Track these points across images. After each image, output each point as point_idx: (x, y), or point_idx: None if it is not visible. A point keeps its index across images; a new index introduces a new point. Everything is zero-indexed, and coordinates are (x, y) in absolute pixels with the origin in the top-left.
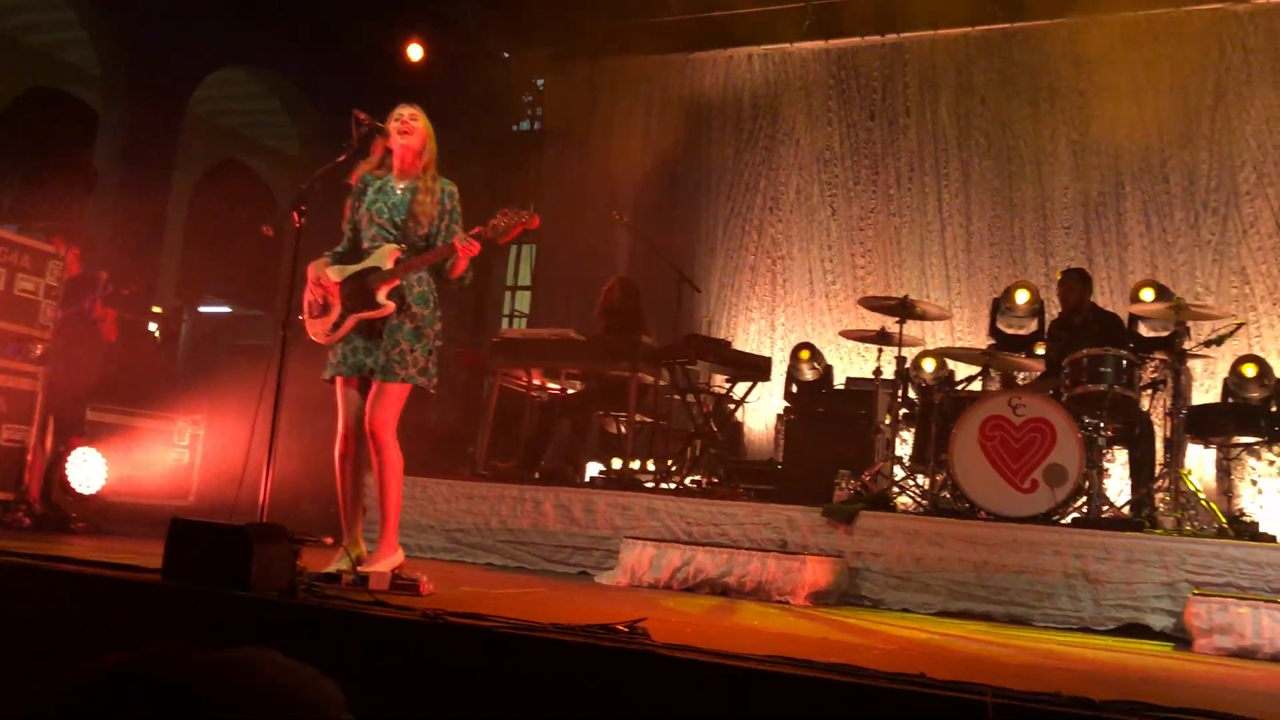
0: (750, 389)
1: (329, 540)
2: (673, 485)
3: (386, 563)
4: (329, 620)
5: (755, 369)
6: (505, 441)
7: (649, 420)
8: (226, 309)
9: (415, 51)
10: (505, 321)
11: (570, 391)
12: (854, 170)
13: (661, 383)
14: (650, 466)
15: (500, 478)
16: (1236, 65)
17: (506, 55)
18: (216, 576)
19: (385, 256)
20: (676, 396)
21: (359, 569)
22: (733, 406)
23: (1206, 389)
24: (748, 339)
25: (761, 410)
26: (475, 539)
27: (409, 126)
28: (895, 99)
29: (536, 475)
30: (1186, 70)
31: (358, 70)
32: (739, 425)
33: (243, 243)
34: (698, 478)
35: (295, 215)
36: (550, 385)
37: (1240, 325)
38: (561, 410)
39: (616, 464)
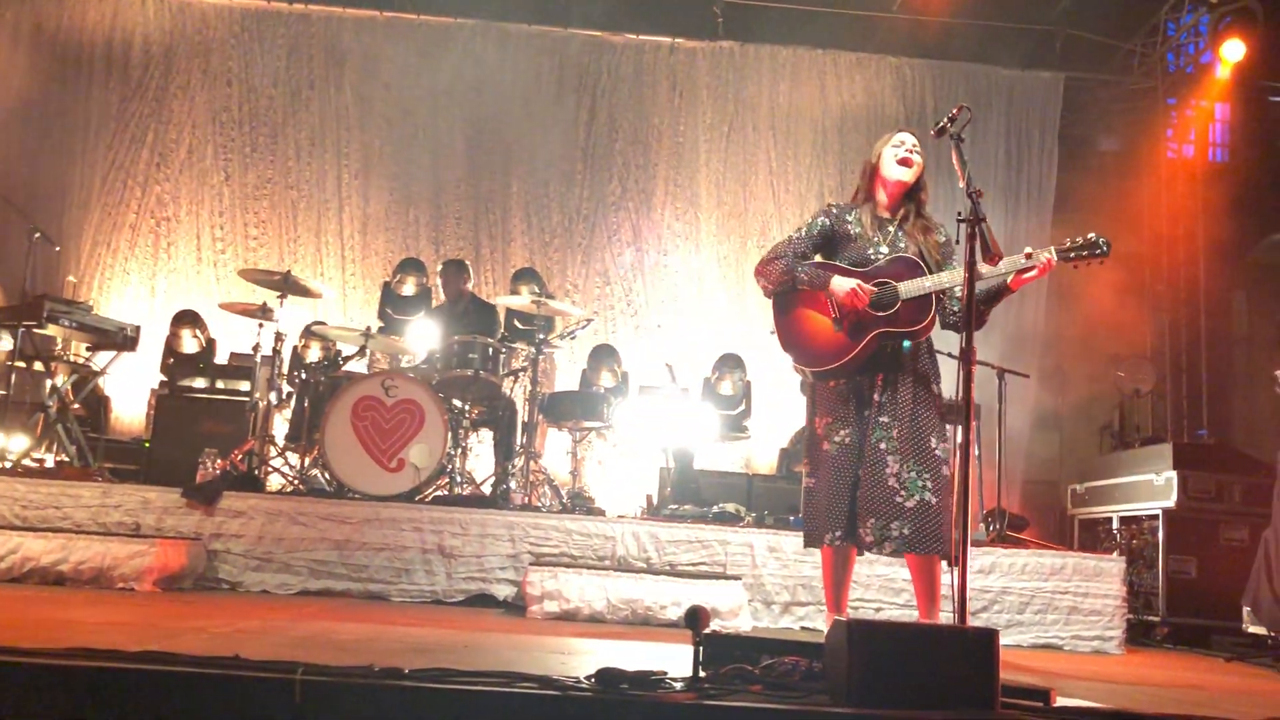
0: (114, 359)
1: None
2: (8, 464)
3: None
4: None
5: (120, 338)
6: None
7: None
8: None
9: None
10: None
11: None
12: (252, 136)
13: (3, 347)
14: None
15: None
16: (609, 89)
17: None
18: None
19: None
20: (21, 364)
21: None
22: (93, 378)
23: (569, 377)
24: (124, 304)
25: (134, 384)
26: None
27: None
28: (300, 70)
29: None
30: (568, 87)
31: None
32: (104, 399)
33: None
34: (44, 455)
35: None
36: None
37: (589, 322)
38: None
39: None
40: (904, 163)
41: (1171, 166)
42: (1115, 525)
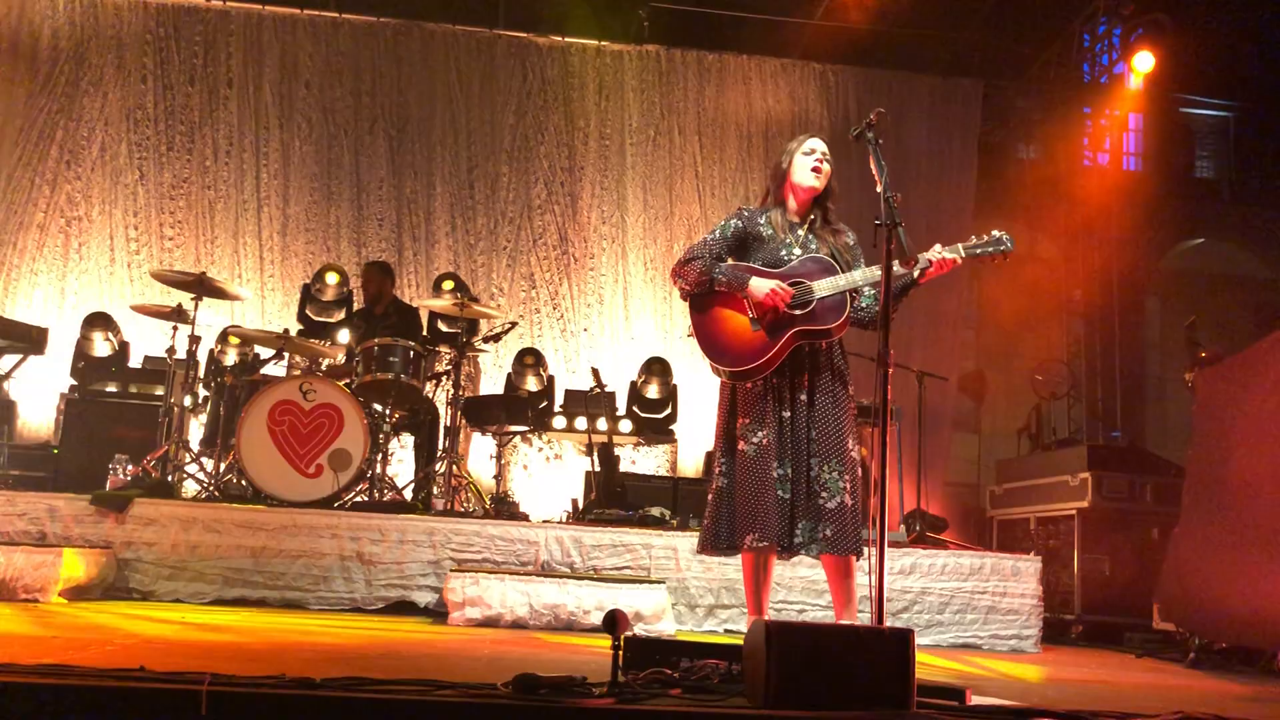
0: (20, 362)
1: None
2: None
3: None
4: None
5: (26, 340)
6: None
7: None
8: None
9: None
10: None
11: None
12: (168, 135)
13: None
14: None
15: None
16: (536, 91)
17: None
18: None
19: None
20: None
21: None
22: None
23: (495, 381)
24: (31, 306)
25: (42, 387)
26: None
27: None
28: (218, 68)
29: None
30: (494, 88)
31: None
32: (9, 404)
33: None
34: None
35: None
36: None
37: (513, 325)
38: None
39: None
40: (816, 170)
41: (1087, 174)
42: (1033, 526)
